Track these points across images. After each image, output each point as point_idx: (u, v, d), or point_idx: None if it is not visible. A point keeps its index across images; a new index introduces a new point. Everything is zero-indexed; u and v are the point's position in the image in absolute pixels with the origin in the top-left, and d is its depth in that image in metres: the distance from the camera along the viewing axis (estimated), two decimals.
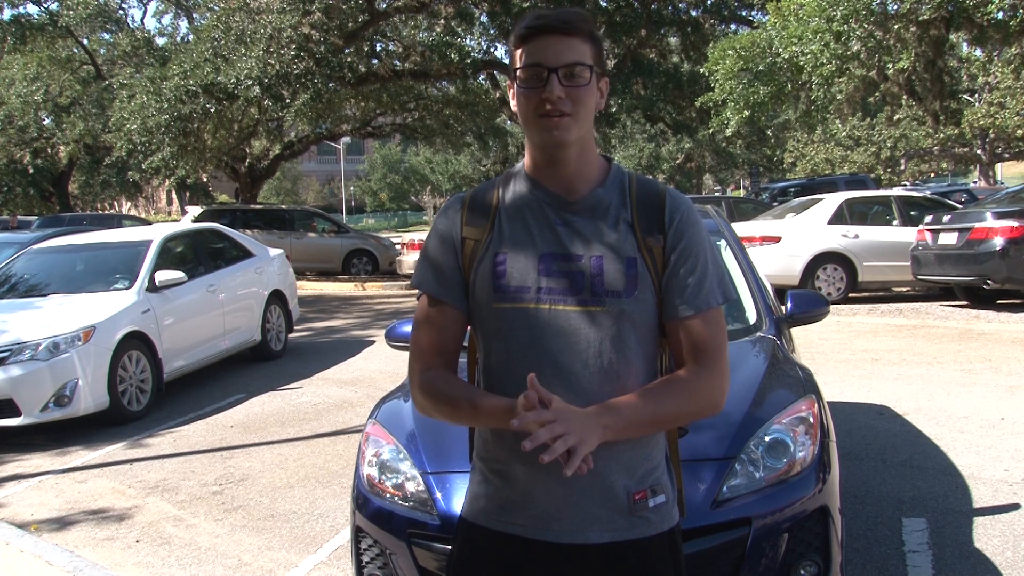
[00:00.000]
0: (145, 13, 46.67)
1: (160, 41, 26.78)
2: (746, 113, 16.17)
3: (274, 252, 10.44)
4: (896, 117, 36.74)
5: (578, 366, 1.60)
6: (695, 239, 1.66)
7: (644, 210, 1.66)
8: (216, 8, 20.08)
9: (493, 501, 1.69)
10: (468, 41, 20.28)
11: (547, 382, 1.53)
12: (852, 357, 8.29)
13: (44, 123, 26.42)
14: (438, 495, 2.83)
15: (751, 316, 4.04)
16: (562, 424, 1.45)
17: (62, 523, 4.89)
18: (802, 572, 2.78)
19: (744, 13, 20.69)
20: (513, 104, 1.65)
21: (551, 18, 1.59)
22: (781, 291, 4.75)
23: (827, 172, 40.44)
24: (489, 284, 1.65)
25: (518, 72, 1.61)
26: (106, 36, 27.55)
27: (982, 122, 31.89)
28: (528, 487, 1.64)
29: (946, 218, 11.20)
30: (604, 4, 18.95)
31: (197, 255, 9.04)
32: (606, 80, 1.68)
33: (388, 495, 2.97)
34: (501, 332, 1.65)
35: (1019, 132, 32.08)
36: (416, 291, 1.75)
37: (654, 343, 1.68)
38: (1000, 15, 13.52)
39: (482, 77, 22.27)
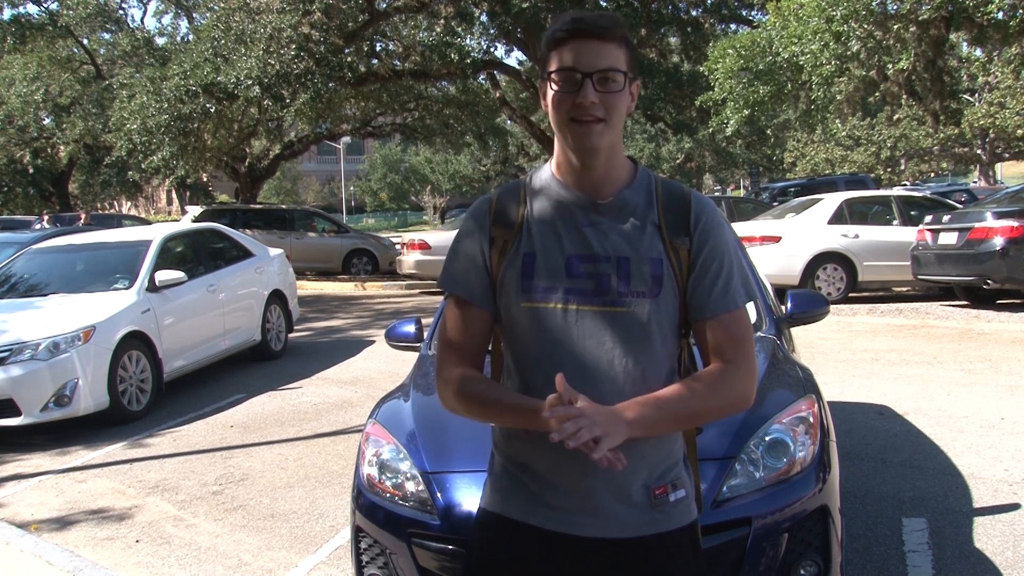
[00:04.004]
0: (145, 13, 46.78)
1: (160, 41, 26.81)
2: (746, 113, 16.15)
3: (274, 252, 10.44)
4: (896, 117, 36.75)
5: (604, 366, 1.62)
6: (721, 241, 1.68)
7: (671, 212, 1.68)
8: (216, 8, 20.07)
9: (515, 493, 1.71)
10: (468, 41, 20.24)
11: (573, 382, 1.55)
12: (852, 357, 8.29)
13: (44, 123, 26.43)
14: (438, 495, 2.83)
15: (751, 316, 4.04)
16: (588, 418, 1.47)
17: (62, 523, 4.89)
18: (802, 572, 2.78)
19: (744, 13, 20.68)
20: (544, 105, 1.67)
21: (587, 22, 1.59)
22: (781, 291, 4.75)
23: (827, 172, 40.48)
24: (517, 284, 1.66)
25: (552, 75, 1.61)
26: (106, 36, 27.58)
27: (982, 122, 31.92)
28: (550, 481, 1.67)
29: (946, 218, 11.20)
30: (604, 4, 18.93)
31: (197, 255, 9.04)
32: (638, 83, 1.70)
33: (388, 495, 2.97)
34: (528, 332, 1.66)
35: (1019, 132, 32.11)
36: (442, 291, 1.78)
37: (676, 343, 1.70)
38: (1000, 15, 13.51)
39: (482, 77, 22.26)
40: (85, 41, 26.52)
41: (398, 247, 18.99)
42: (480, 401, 1.68)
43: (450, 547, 2.71)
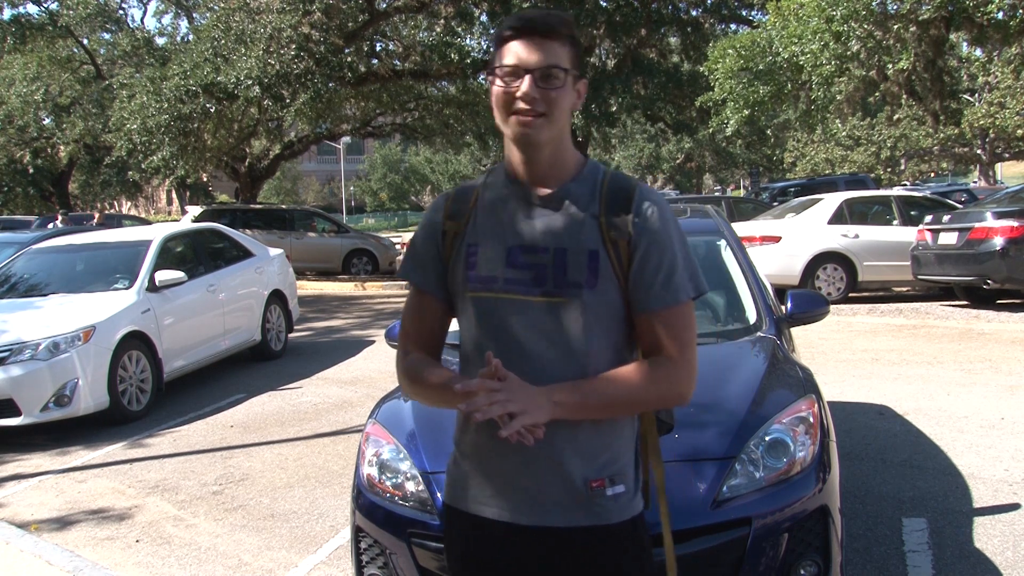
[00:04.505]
0: (145, 13, 46.79)
1: (160, 41, 26.79)
2: (746, 113, 16.16)
3: (274, 252, 10.44)
4: (896, 117, 36.73)
5: (542, 354, 1.66)
6: (663, 234, 1.69)
7: (611, 205, 1.70)
8: (216, 8, 20.06)
9: (463, 483, 1.77)
10: (468, 41, 20.28)
11: (511, 369, 1.59)
12: (852, 357, 8.29)
13: (44, 123, 26.42)
14: (438, 495, 2.82)
15: (751, 316, 4.04)
16: (505, 393, 1.52)
17: (62, 523, 4.89)
18: (802, 572, 2.78)
19: (744, 13, 20.69)
20: (492, 101, 1.71)
21: (532, 20, 1.65)
22: (781, 291, 4.75)
23: (827, 172, 40.47)
24: (462, 274, 1.73)
25: (496, 71, 1.67)
26: (106, 36, 27.56)
27: (982, 122, 31.92)
28: (491, 469, 1.71)
29: (946, 218, 11.20)
30: (604, 4, 18.94)
31: (197, 255, 9.04)
32: (584, 82, 1.74)
33: (388, 495, 2.97)
34: (472, 320, 1.73)
35: (1019, 132, 32.10)
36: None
37: (621, 334, 1.72)
38: (1000, 15, 13.51)
39: (482, 77, 22.24)
40: (85, 41, 26.51)
41: (398, 247, 19.01)
42: (420, 381, 1.75)
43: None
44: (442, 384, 1.70)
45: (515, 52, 1.64)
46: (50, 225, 18.69)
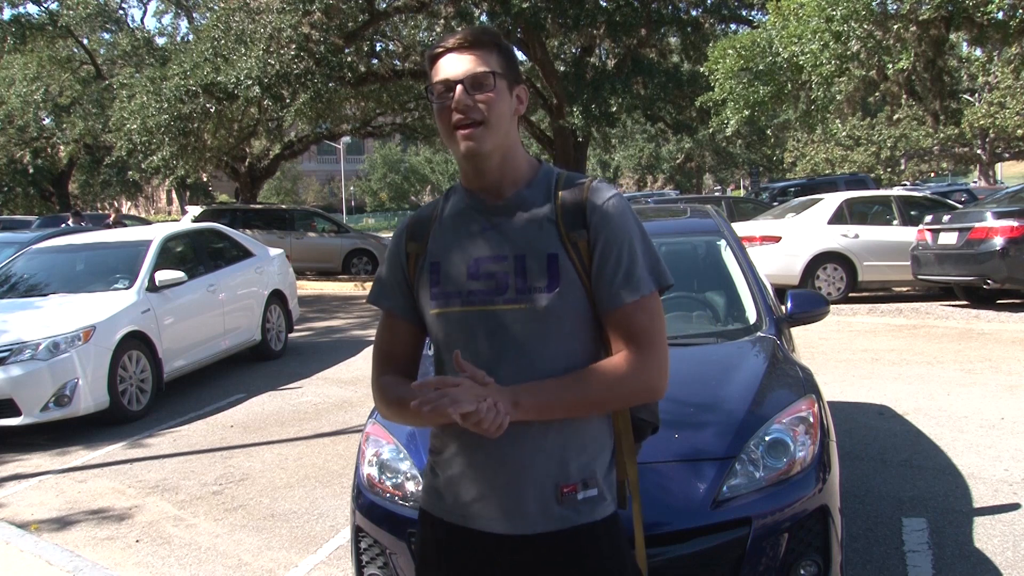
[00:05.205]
0: (145, 13, 46.81)
1: (160, 41, 26.84)
2: (746, 113, 16.14)
3: (274, 252, 10.44)
4: (896, 117, 36.76)
5: (510, 364, 1.66)
6: (620, 229, 1.68)
7: (568, 206, 1.71)
8: (216, 8, 20.07)
9: (436, 491, 1.77)
10: None
11: None
12: (852, 357, 8.29)
13: (44, 123, 26.45)
14: None
15: (751, 316, 4.04)
16: (461, 390, 1.52)
17: (62, 523, 4.89)
18: (802, 572, 2.78)
19: (744, 13, 20.66)
20: (437, 123, 1.73)
21: (455, 37, 1.68)
22: (781, 291, 4.75)
23: (827, 172, 40.50)
24: (427, 292, 1.74)
25: (431, 90, 1.69)
26: (106, 36, 27.60)
27: (982, 122, 31.96)
28: (462, 477, 1.71)
29: (946, 218, 11.20)
30: (604, 4, 18.93)
31: (197, 255, 9.04)
32: (523, 87, 1.75)
33: (388, 495, 2.97)
34: (441, 337, 1.74)
35: (1019, 132, 32.14)
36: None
37: (591, 334, 1.72)
38: (1000, 15, 13.50)
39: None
40: (85, 41, 26.53)
41: None
42: (394, 402, 1.75)
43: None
44: (402, 400, 1.69)
45: (443, 68, 1.67)
46: (62, 225, 18.73)
